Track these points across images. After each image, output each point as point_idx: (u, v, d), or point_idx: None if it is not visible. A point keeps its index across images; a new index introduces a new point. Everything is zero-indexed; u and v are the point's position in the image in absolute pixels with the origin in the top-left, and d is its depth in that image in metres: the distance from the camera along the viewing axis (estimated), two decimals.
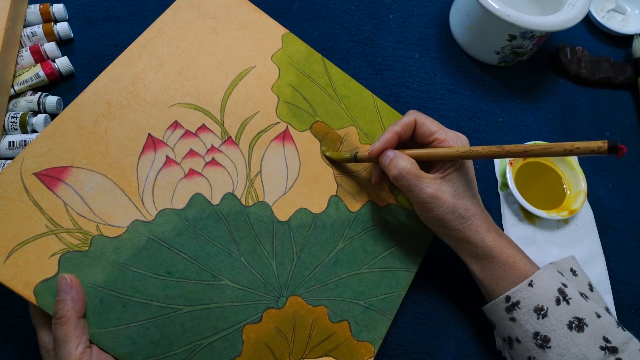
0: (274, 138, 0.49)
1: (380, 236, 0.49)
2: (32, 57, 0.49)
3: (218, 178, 0.45)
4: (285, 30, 0.53)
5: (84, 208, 0.41)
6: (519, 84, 0.65)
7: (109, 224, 0.41)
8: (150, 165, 0.44)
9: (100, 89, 0.44)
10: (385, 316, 0.46)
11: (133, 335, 0.39)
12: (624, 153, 0.33)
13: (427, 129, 0.44)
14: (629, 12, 0.74)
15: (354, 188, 0.50)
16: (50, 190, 0.40)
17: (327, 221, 0.48)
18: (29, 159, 0.41)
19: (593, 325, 0.41)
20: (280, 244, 0.45)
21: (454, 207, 0.43)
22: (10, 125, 0.45)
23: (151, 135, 0.45)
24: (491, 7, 0.55)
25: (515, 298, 0.43)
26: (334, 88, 0.53)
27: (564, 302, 0.42)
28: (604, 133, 0.64)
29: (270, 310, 0.43)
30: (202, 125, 0.47)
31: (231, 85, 0.49)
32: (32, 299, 0.37)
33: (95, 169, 0.42)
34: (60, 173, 0.41)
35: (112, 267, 0.40)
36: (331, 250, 0.47)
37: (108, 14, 0.55)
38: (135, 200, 0.42)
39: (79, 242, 0.40)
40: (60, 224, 0.40)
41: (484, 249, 0.44)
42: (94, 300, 0.39)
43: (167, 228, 0.42)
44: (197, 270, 0.42)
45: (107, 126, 0.44)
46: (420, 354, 0.47)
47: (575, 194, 0.57)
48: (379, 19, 0.64)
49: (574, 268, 0.51)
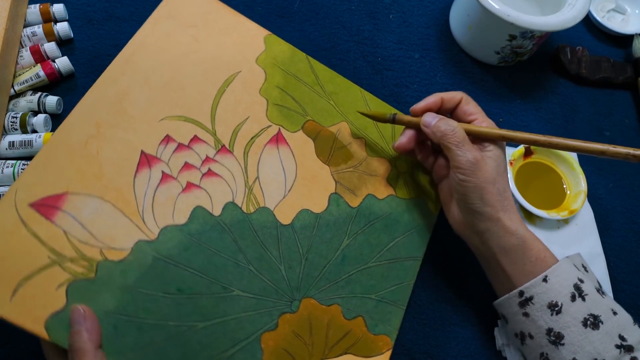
0: (267, 142, 0.48)
1: (383, 228, 0.49)
2: (32, 57, 0.49)
3: (217, 188, 0.45)
4: (267, 32, 0.53)
5: (85, 234, 0.40)
6: (519, 84, 0.65)
7: (112, 247, 0.40)
8: (146, 183, 0.43)
9: (87, 109, 0.43)
10: (398, 307, 0.47)
11: (152, 358, 0.38)
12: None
13: (470, 108, 0.46)
14: (629, 12, 0.74)
15: (352, 183, 0.50)
16: (49, 220, 0.39)
17: (330, 219, 0.47)
18: (23, 190, 0.39)
19: (609, 323, 0.40)
20: (287, 248, 0.45)
21: (495, 180, 0.43)
22: (10, 125, 0.45)
23: (144, 152, 0.44)
24: (491, 7, 0.55)
25: (528, 293, 0.42)
26: (321, 85, 0.53)
27: (579, 299, 0.41)
28: (604, 133, 0.64)
29: (285, 315, 0.43)
30: (194, 137, 0.46)
31: (219, 92, 0.48)
32: (44, 334, 0.36)
33: (92, 192, 0.41)
34: (57, 201, 0.40)
35: (121, 292, 0.39)
36: (337, 248, 0.47)
37: (108, 14, 0.55)
38: (136, 220, 0.42)
39: (85, 269, 0.39)
40: (63, 253, 0.39)
41: (518, 238, 0.42)
42: (107, 328, 0.38)
43: (171, 245, 0.42)
44: (207, 284, 0.42)
45: (99, 147, 0.43)
46: (420, 354, 0.47)
47: (575, 194, 0.57)
48: (379, 19, 0.64)
49: (584, 264, 0.49)
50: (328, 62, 0.58)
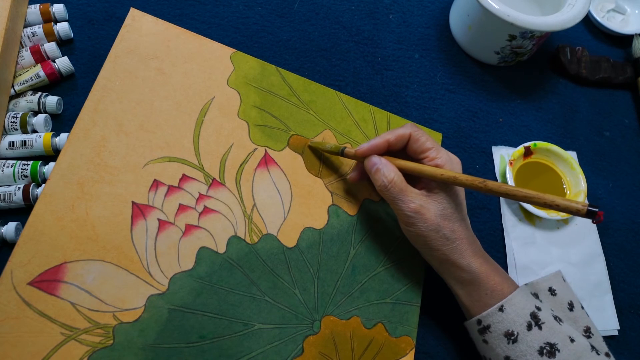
0: (256, 166, 0.47)
1: (385, 231, 0.49)
2: (32, 57, 0.48)
3: (217, 225, 0.44)
4: (232, 50, 0.51)
5: (93, 301, 0.38)
6: (519, 84, 0.64)
7: (124, 309, 0.39)
8: (145, 235, 0.41)
9: (65, 170, 0.41)
10: (413, 305, 0.48)
11: None
12: (600, 221, 0.33)
13: (420, 145, 0.43)
14: (628, 12, 0.73)
15: (347, 191, 0.50)
16: (53, 295, 0.38)
17: (333, 233, 0.47)
18: (18, 270, 0.38)
19: (565, 351, 0.40)
20: (297, 270, 0.45)
21: (439, 227, 0.42)
22: (10, 126, 0.44)
23: (135, 202, 0.42)
24: (491, 7, 0.54)
25: (485, 322, 0.42)
26: (297, 96, 0.52)
27: (535, 327, 0.41)
28: (604, 133, 0.65)
29: (309, 338, 0.43)
30: (183, 176, 0.44)
31: (197, 124, 0.47)
32: None
33: (91, 257, 0.39)
34: (56, 274, 0.38)
35: (143, 352, 0.38)
36: (346, 260, 0.47)
37: (108, 14, 0.52)
38: (143, 275, 0.40)
39: (102, 337, 0.38)
40: (75, 326, 0.37)
41: (470, 273, 0.42)
42: None
43: (184, 293, 0.41)
44: (227, 325, 0.41)
45: (87, 208, 0.41)
46: (420, 354, 0.48)
47: (575, 194, 0.57)
48: (379, 19, 0.63)
49: (553, 287, 0.49)
50: (328, 62, 0.58)
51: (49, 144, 0.44)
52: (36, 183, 0.43)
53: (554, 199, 0.35)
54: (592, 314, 0.51)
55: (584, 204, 0.34)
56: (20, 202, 0.42)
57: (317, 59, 0.57)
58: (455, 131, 0.59)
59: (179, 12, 0.55)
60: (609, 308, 0.54)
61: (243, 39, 0.56)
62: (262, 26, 0.57)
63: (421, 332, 0.48)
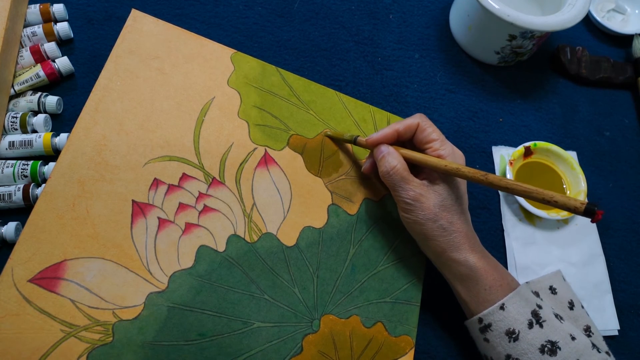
0: (256, 165, 0.47)
1: (385, 230, 0.50)
2: (32, 57, 0.48)
3: (216, 224, 0.44)
4: (232, 51, 0.51)
5: (93, 299, 0.39)
6: (519, 84, 0.64)
7: (124, 306, 0.39)
8: (145, 233, 0.42)
9: (67, 168, 0.41)
10: (413, 305, 0.48)
11: None
12: (598, 220, 0.33)
13: (426, 136, 0.44)
14: (629, 12, 0.73)
15: (347, 191, 0.50)
16: (53, 292, 0.38)
17: (333, 232, 0.48)
18: (19, 267, 0.38)
19: (566, 349, 0.40)
20: (297, 269, 0.45)
21: (436, 216, 0.42)
22: (10, 125, 0.45)
23: (135, 201, 0.42)
24: (491, 7, 0.54)
25: (487, 320, 0.42)
26: (297, 96, 0.52)
27: (537, 325, 0.41)
28: (604, 133, 0.65)
29: (308, 336, 0.43)
30: (183, 175, 0.45)
31: (197, 124, 0.47)
32: None
33: (91, 254, 0.40)
34: (56, 271, 0.39)
35: (142, 350, 0.38)
36: (345, 259, 0.47)
37: (108, 14, 0.53)
38: (143, 273, 0.40)
39: (101, 335, 0.38)
40: (75, 323, 0.38)
41: (468, 268, 0.42)
42: None
43: (183, 291, 0.41)
44: (226, 323, 0.41)
45: (87, 206, 0.41)
46: (420, 354, 0.48)
47: (575, 194, 0.57)
48: (379, 19, 0.63)
49: (554, 286, 0.49)
50: (328, 62, 0.58)
51: (48, 144, 0.44)
52: (36, 183, 0.43)
53: (553, 195, 0.35)
54: (592, 314, 0.51)
55: (582, 202, 0.34)
56: (20, 202, 0.42)
57: (317, 59, 0.58)
58: (456, 131, 0.59)
59: (179, 12, 0.55)
60: (609, 308, 0.54)
61: (243, 39, 0.56)
62: (262, 26, 0.57)
63: (421, 332, 0.48)
